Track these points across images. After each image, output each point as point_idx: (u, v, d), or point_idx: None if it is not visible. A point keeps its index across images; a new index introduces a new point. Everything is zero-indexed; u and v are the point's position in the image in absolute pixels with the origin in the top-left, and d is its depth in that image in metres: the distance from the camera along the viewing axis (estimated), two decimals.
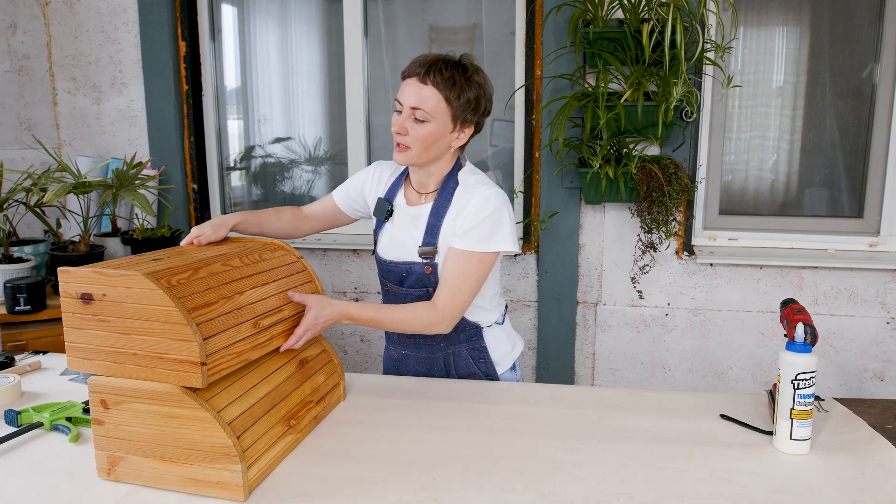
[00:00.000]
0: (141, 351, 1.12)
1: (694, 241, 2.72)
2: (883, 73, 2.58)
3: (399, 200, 1.63)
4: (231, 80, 3.09)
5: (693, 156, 2.61)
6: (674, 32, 2.22)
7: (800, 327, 1.24)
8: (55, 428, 1.33)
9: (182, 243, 1.47)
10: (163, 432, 1.10)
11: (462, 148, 1.60)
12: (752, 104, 2.73)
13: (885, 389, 2.68)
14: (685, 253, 2.67)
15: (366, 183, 1.71)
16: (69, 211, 2.58)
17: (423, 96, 1.45)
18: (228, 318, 1.19)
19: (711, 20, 2.48)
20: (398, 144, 1.51)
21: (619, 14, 2.47)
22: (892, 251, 2.64)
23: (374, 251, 1.70)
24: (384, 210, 1.62)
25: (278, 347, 1.34)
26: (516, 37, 2.76)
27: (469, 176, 1.57)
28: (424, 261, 1.55)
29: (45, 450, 1.26)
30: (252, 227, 1.67)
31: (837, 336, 2.66)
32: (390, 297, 1.66)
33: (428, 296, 1.56)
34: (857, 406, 1.47)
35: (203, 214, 3.06)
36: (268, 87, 3.10)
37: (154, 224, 2.75)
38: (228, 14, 3.05)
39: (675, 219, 2.55)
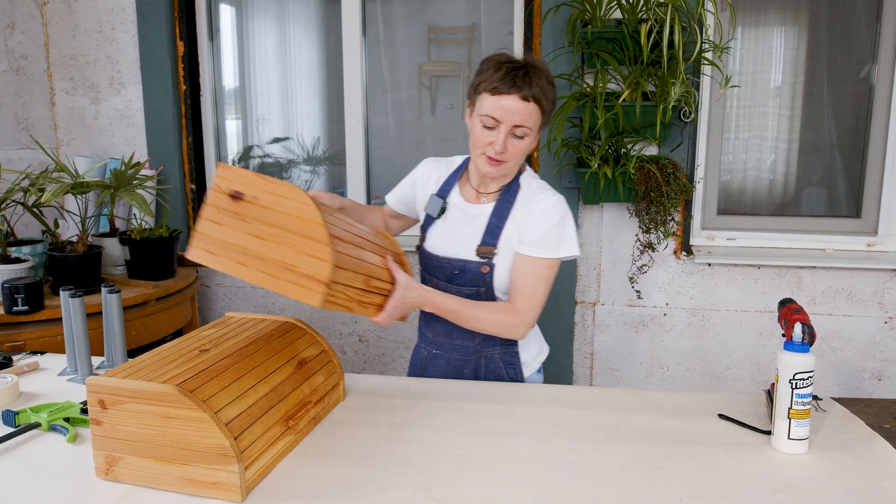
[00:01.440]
0: (271, 258, 1.15)
1: (692, 241, 2.72)
2: (881, 73, 2.58)
3: (454, 198, 1.64)
4: (229, 79, 3.09)
5: (691, 156, 2.62)
6: (672, 32, 2.22)
7: (798, 327, 1.24)
8: (53, 428, 1.33)
9: None
10: (160, 432, 1.10)
11: None
12: (751, 104, 2.74)
13: (882, 389, 2.68)
14: (683, 253, 2.67)
15: (417, 181, 1.72)
16: (67, 211, 2.58)
17: (526, 114, 1.43)
18: (351, 262, 1.23)
19: (709, 20, 2.48)
20: (493, 160, 1.47)
21: (618, 14, 2.47)
22: (890, 251, 2.65)
23: (419, 246, 1.70)
24: (438, 206, 1.62)
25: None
26: (514, 37, 2.76)
27: (531, 180, 1.59)
28: (482, 260, 1.56)
29: (42, 450, 1.26)
30: (352, 214, 1.69)
31: (835, 336, 2.67)
32: None
33: (479, 295, 1.58)
34: (855, 405, 1.47)
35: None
36: (266, 87, 3.10)
37: (152, 224, 2.75)
38: (227, 14, 3.05)
39: (673, 219, 2.55)
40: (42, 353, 1.78)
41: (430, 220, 1.66)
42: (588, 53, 2.49)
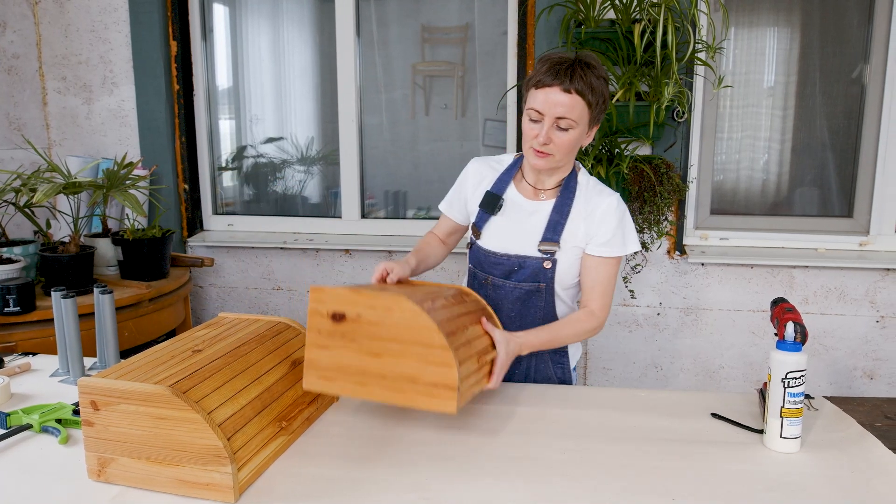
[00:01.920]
0: (391, 373, 1.14)
1: (685, 241, 2.73)
2: (872, 73, 2.60)
3: (511, 194, 1.63)
4: (223, 79, 3.08)
5: (684, 156, 2.62)
6: (665, 33, 2.23)
7: (790, 326, 1.25)
8: (45, 430, 1.32)
9: (373, 279, 1.51)
10: (153, 433, 1.10)
11: None
12: (744, 104, 2.75)
13: (874, 388, 2.69)
14: (677, 252, 2.68)
15: (465, 183, 1.71)
16: (59, 211, 2.57)
17: (568, 105, 1.44)
18: (464, 349, 1.22)
19: (703, 21, 2.49)
20: (540, 152, 1.50)
21: (611, 14, 2.47)
22: (882, 250, 2.66)
23: (470, 244, 1.69)
24: (495, 203, 1.62)
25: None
26: (508, 37, 2.76)
27: (587, 178, 1.62)
28: (544, 255, 1.57)
29: (34, 452, 1.25)
30: (421, 265, 1.70)
31: (828, 335, 2.68)
32: (489, 290, 1.64)
33: (539, 291, 1.59)
34: (847, 404, 1.48)
35: (194, 215, 3.04)
36: (260, 87, 3.10)
37: (145, 225, 2.74)
38: (220, 13, 3.04)
39: (666, 218, 2.56)
40: (34, 354, 1.77)
41: (484, 217, 1.64)
42: None
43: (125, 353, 1.77)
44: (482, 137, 2.93)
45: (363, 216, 3.02)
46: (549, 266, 1.57)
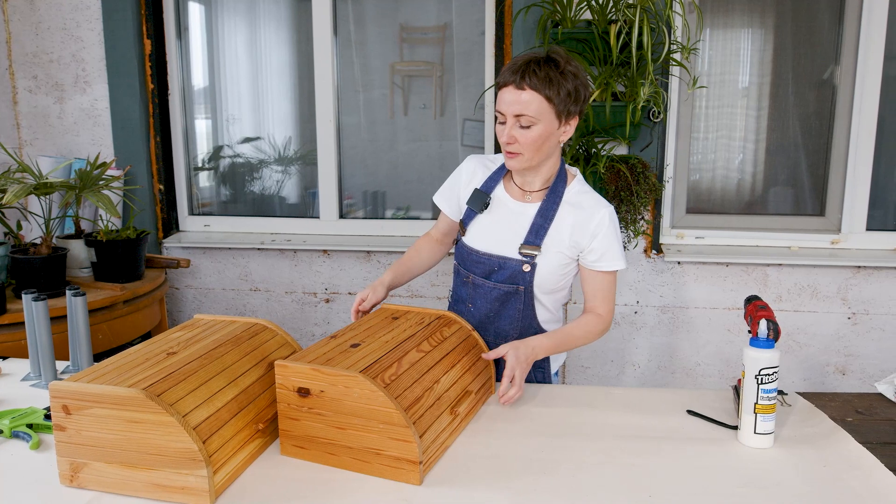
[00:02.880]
0: (357, 445, 1.17)
1: (662, 240, 2.75)
2: (843, 74, 2.65)
3: (499, 193, 1.64)
4: (198, 79, 3.05)
5: (660, 155, 2.65)
6: (641, 34, 2.25)
7: (763, 323, 1.26)
8: (15, 435, 1.30)
9: (352, 313, 1.63)
10: (126, 437, 1.08)
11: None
12: (718, 105, 2.78)
13: (846, 383, 2.74)
14: (653, 251, 2.71)
15: (460, 179, 1.70)
16: (30, 213, 2.52)
17: (523, 102, 1.45)
18: (433, 410, 1.24)
19: (678, 22, 2.52)
20: (509, 152, 1.51)
21: (588, 15, 2.49)
22: (853, 248, 2.71)
23: (457, 240, 1.70)
24: (481, 201, 1.62)
25: None
26: (486, 37, 2.77)
27: (581, 186, 1.61)
28: (524, 258, 1.57)
29: (4, 458, 1.23)
30: (403, 277, 1.74)
31: (800, 332, 2.72)
32: (469, 289, 1.65)
33: (518, 293, 1.59)
34: (819, 400, 1.50)
35: (170, 216, 3.01)
36: (236, 87, 3.07)
37: (119, 226, 2.70)
38: (195, 12, 3.01)
39: (643, 218, 2.58)
40: (5, 357, 1.74)
41: (471, 215, 1.65)
42: None
43: (99, 357, 1.75)
44: (461, 137, 2.93)
45: (341, 216, 3.01)
46: (529, 269, 1.57)
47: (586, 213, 1.55)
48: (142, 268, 2.55)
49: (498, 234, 1.61)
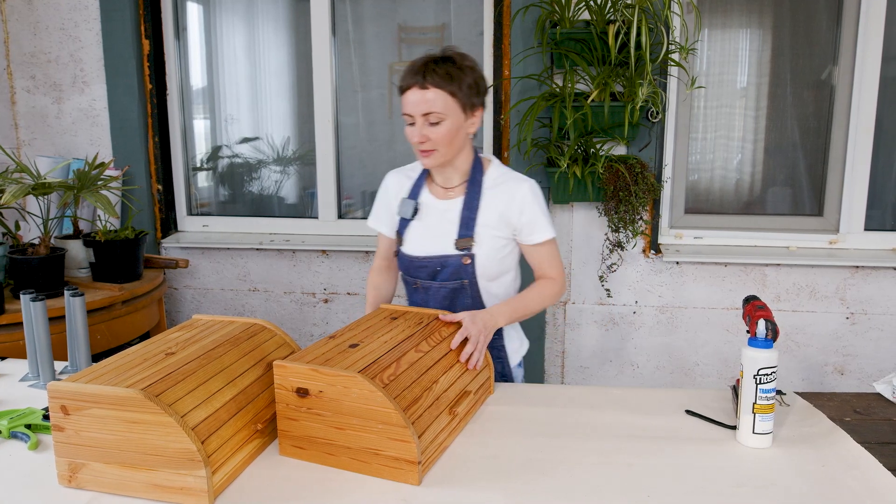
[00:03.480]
0: (356, 445, 1.17)
1: (660, 240, 2.76)
2: (841, 74, 2.65)
3: (425, 198, 1.68)
4: (197, 79, 3.05)
5: (659, 155, 2.65)
6: (639, 34, 2.25)
7: (761, 323, 1.26)
8: (14, 435, 1.29)
9: None
10: (125, 438, 1.08)
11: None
12: (717, 105, 2.78)
13: (845, 383, 2.75)
14: (652, 251, 2.71)
15: (388, 195, 1.75)
16: (28, 213, 2.52)
17: (429, 100, 1.50)
18: (431, 411, 1.24)
19: (676, 22, 2.52)
20: (423, 151, 1.56)
21: (586, 15, 2.49)
22: (851, 248, 2.71)
23: (397, 252, 1.73)
24: (411, 208, 1.66)
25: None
26: (484, 37, 2.77)
27: (498, 169, 1.67)
28: (462, 252, 1.61)
29: (3, 458, 1.23)
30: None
31: (799, 331, 2.72)
32: (420, 294, 1.69)
33: (464, 288, 1.63)
34: (818, 400, 1.51)
35: (168, 216, 3.01)
36: (235, 87, 3.07)
37: (118, 226, 2.70)
38: (194, 12, 3.00)
39: (641, 218, 2.58)
40: (3, 358, 1.74)
41: (404, 224, 1.69)
42: (557, 54, 2.51)
43: (98, 357, 1.74)
44: None
45: (340, 216, 3.01)
46: (469, 262, 1.61)
47: (509, 193, 1.61)
48: (140, 268, 2.55)
49: (432, 235, 1.65)
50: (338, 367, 1.17)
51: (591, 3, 2.40)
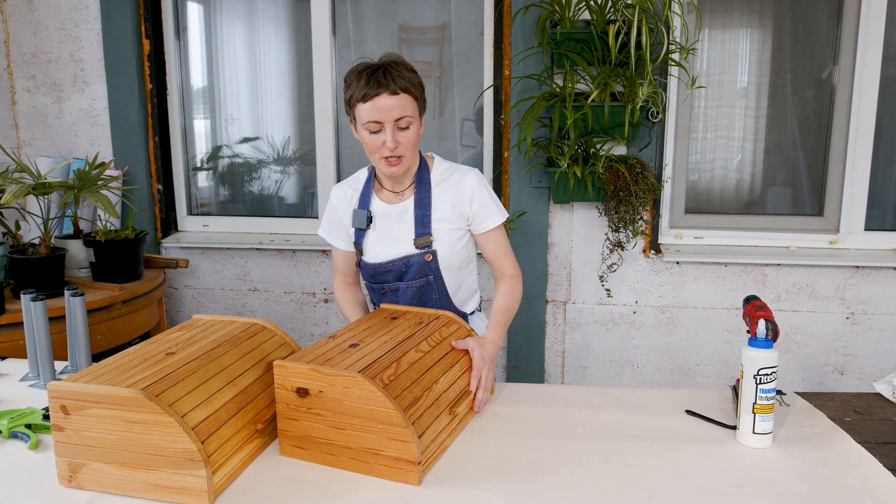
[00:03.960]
0: (356, 445, 1.17)
1: (660, 240, 2.76)
2: (841, 74, 2.65)
3: (376, 206, 1.70)
4: (197, 79, 3.05)
5: (659, 155, 2.65)
6: (639, 34, 2.25)
7: (761, 323, 1.27)
8: (14, 435, 1.30)
9: None
10: (125, 438, 1.08)
11: None
12: (717, 105, 2.78)
13: (845, 383, 2.75)
14: (652, 251, 2.71)
15: (338, 211, 1.75)
16: (29, 213, 2.52)
17: (401, 105, 1.52)
18: (431, 411, 1.24)
19: (676, 22, 2.52)
20: (390, 158, 1.56)
21: (586, 15, 2.49)
22: (851, 248, 2.71)
23: (358, 262, 1.75)
24: (364, 218, 1.68)
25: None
26: (485, 37, 2.77)
27: (441, 165, 1.70)
28: (422, 250, 1.64)
29: (3, 458, 1.23)
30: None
31: (799, 331, 2.72)
32: (389, 296, 1.72)
33: (429, 284, 1.67)
34: (818, 400, 1.51)
35: (169, 215, 3.01)
36: (235, 87, 3.07)
37: (118, 226, 2.70)
38: (194, 12, 3.00)
39: (641, 218, 2.58)
40: (3, 358, 1.74)
41: (360, 234, 1.71)
42: (557, 54, 2.51)
43: (98, 357, 1.75)
44: (459, 137, 2.93)
45: None
46: (431, 258, 1.65)
47: (457, 186, 1.65)
48: (140, 268, 2.55)
49: (391, 240, 1.67)
50: (338, 367, 1.17)
51: (592, 2, 2.40)
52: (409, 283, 1.67)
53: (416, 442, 1.12)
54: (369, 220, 1.68)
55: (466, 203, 1.65)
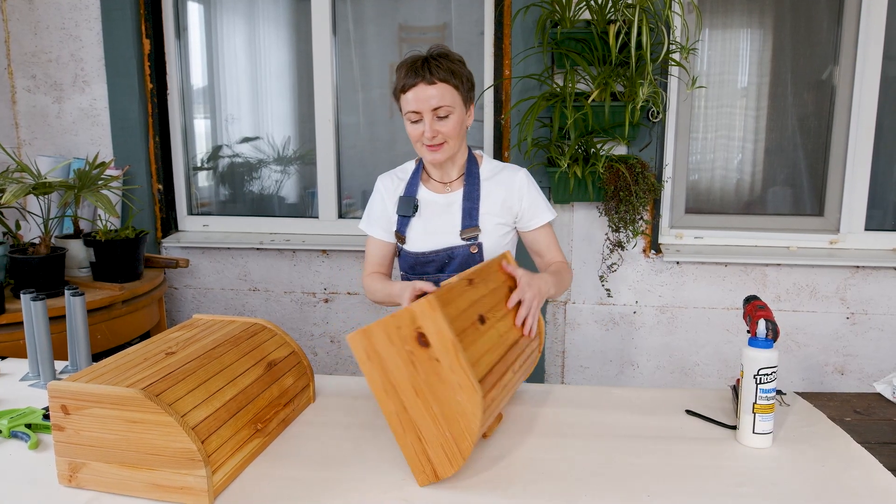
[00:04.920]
0: (414, 415, 1.14)
1: (661, 240, 2.75)
2: (841, 74, 2.65)
3: (423, 194, 1.72)
4: (197, 78, 3.05)
5: (659, 155, 2.65)
6: (640, 34, 2.25)
7: (761, 323, 1.26)
8: (14, 435, 1.30)
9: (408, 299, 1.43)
10: (125, 437, 1.08)
11: None
12: (717, 105, 2.78)
13: (845, 383, 2.75)
14: (652, 251, 2.71)
15: (382, 199, 1.76)
16: (29, 212, 2.52)
17: (439, 95, 1.54)
18: (493, 408, 1.20)
19: (676, 22, 2.52)
20: (432, 146, 1.60)
21: (587, 15, 2.49)
22: (851, 248, 2.71)
23: (399, 252, 1.75)
24: (410, 204, 1.69)
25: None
26: (485, 37, 2.77)
27: (490, 162, 1.73)
28: (468, 242, 1.66)
29: (3, 458, 1.23)
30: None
31: (799, 331, 2.72)
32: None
33: None
34: (818, 400, 1.51)
35: (169, 215, 3.01)
36: (235, 86, 3.07)
37: (118, 225, 2.70)
38: (194, 11, 3.00)
39: (642, 218, 2.58)
40: (3, 357, 1.74)
41: (405, 222, 1.71)
42: (558, 54, 2.51)
43: (98, 357, 1.75)
44: None
45: (340, 216, 3.01)
46: (476, 250, 1.66)
47: (507, 182, 1.69)
48: (140, 268, 2.55)
49: (436, 229, 1.68)
50: (467, 363, 1.10)
51: (592, 2, 2.40)
52: (452, 275, 1.62)
53: (455, 471, 1.12)
54: (415, 207, 1.69)
55: (516, 199, 1.68)
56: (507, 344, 1.30)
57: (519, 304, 1.38)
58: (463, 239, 1.66)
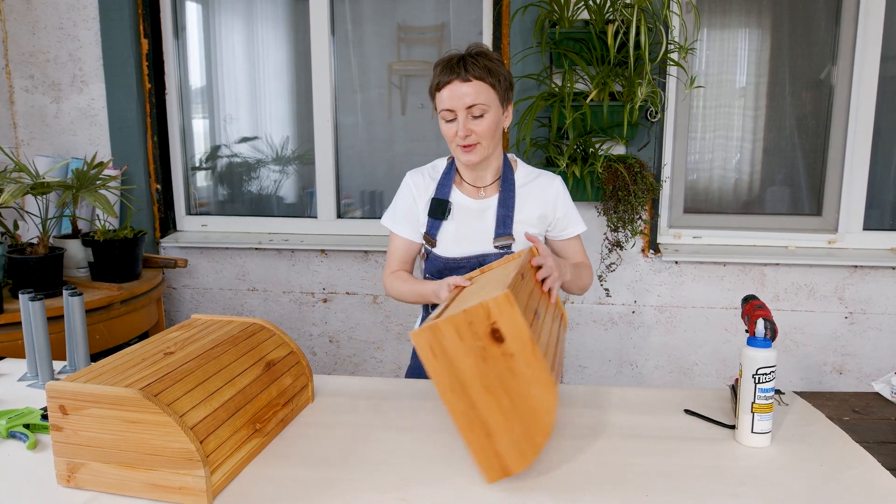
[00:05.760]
0: (482, 412, 1.13)
1: (659, 240, 2.76)
2: (839, 74, 2.65)
3: (456, 197, 1.66)
4: (196, 78, 3.05)
5: (658, 155, 2.65)
6: (638, 33, 2.25)
7: (760, 323, 1.26)
8: (12, 435, 1.29)
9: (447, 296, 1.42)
10: (124, 437, 1.08)
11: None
12: (716, 104, 2.79)
13: (843, 382, 2.75)
14: (651, 251, 2.71)
15: (410, 196, 1.70)
16: (27, 212, 2.52)
17: (473, 93, 1.50)
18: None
19: (675, 22, 2.52)
20: (466, 147, 1.55)
21: (585, 15, 2.49)
22: (850, 248, 2.72)
23: (427, 255, 1.69)
24: (443, 208, 1.64)
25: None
26: (483, 37, 2.77)
27: (525, 168, 1.70)
28: (501, 250, 1.62)
29: (1, 458, 1.23)
30: None
31: (798, 331, 2.73)
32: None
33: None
34: (816, 399, 1.51)
35: (167, 215, 3.00)
36: (233, 86, 3.06)
37: (116, 225, 2.69)
38: (192, 11, 3.00)
39: (640, 217, 2.58)
40: (1, 357, 1.73)
41: (435, 225, 1.65)
42: (556, 54, 2.51)
43: (96, 357, 1.75)
44: None
45: (339, 216, 3.01)
46: None
47: (543, 190, 1.66)
48: (139, 268, 2.55)
49: (469, 235, 1.64)
50: (543, 356, 1.09)
51: (590, 2, 2.40)
52: None
53: (527, 466, 1.12)
54: (448, 210, 1.64)
55: (551, 207, 1.66)
56: (556, 337, 1.32)
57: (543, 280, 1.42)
58: (495, 247, 1.62)
